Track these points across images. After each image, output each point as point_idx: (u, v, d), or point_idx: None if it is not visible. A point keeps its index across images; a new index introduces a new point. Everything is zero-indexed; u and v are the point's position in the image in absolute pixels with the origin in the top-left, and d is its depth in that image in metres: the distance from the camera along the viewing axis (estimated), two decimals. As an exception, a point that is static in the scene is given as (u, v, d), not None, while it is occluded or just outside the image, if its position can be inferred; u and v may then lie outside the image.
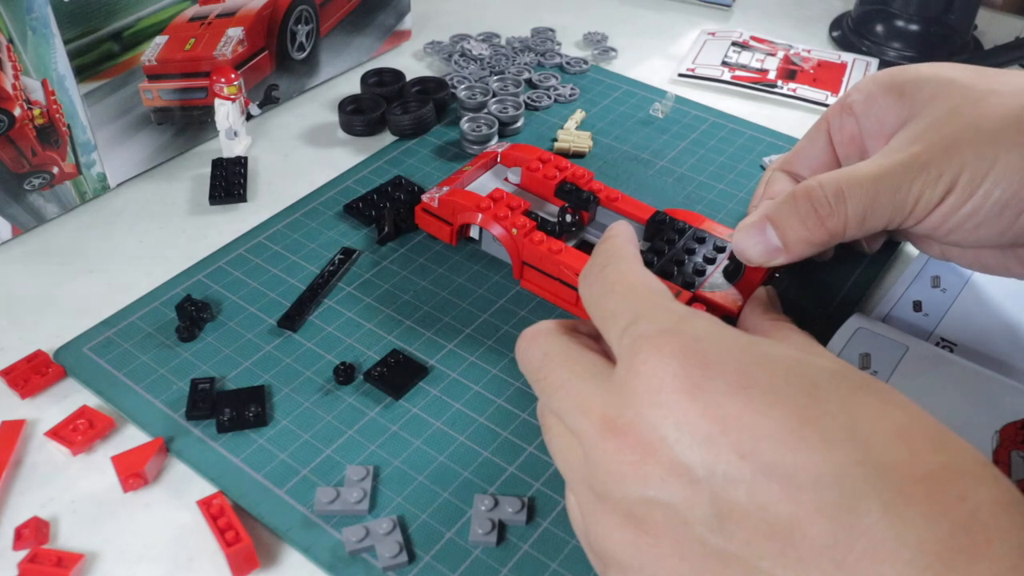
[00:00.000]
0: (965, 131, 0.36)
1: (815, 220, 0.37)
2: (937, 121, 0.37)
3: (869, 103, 0.41)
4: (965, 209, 0.36)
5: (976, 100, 0.37)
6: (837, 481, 0.23)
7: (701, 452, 0.24)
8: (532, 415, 0.41)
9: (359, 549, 0.35)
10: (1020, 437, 0.38)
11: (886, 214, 0.37)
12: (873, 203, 0.36)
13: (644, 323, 0.28)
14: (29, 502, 0.38)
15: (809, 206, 0.37)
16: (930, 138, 0.37)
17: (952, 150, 0.36)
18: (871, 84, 0.42)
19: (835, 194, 0.36)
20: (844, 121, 0.43)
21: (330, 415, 0.41)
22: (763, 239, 0.38)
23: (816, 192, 0.37)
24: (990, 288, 0.48)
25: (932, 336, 0.45)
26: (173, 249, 0.51)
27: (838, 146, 0.44)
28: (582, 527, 0.29)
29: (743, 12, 0.78)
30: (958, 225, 0.37)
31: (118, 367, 0.43)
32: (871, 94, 0.41)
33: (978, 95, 0.37)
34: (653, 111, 0.62)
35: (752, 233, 0.38)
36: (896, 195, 0.36)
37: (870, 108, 0.41)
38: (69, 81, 0.49)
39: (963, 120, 0.36)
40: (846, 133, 0.43)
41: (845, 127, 0.43)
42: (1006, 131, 0.36)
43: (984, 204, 0.36)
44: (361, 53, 0.67)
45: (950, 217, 0.37)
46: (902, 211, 0.37)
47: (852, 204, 0.36)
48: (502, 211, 0.46)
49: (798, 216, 0.37)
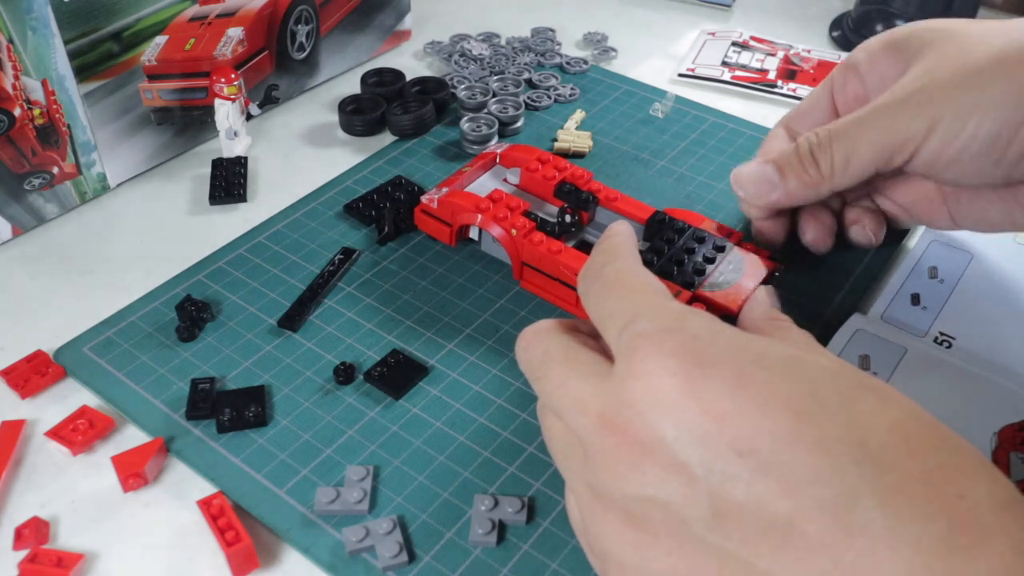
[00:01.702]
0: (952, 72, 0.38)
1: (809, 160, 0.41)
2: (927, 66, 0.39)
3: (872, 62, 0.44)
4: (957, 142, 0.38)
5: (965, 46, 0.39)
6: (835, 478, 0.23)
7: (699, 450, 0.24)
8: (532, 415, 0.41)
9: (359, 549, 0.35)
10: (1018, 439, 0.38)
11: (870, 151, 0.39)
12: (857, 141, 0.39)
13: (643, 322, 0.28)
14: (29, 502, 0.38)
15: (806, 147, 0.41)
16: (917, 80, 0.39)
17: (936, 88, 0.38)
18: (874, 43, 0.44)
19: (825, 137, 0.41)
20: (848, 80, 0.44)
21: (330, 415, 0.41)
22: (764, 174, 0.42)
23: (812, 137, 0.41)
24: (987, 277, 0.48)
25: (931, 330, 0.45)
26: (173, 249, 0.51)
27: (842, 105, 0.46)
28: (581, 526, 0.29)
29: (743, 12, 0.78)
30: (953, 160, 0.39)
31: (118, 367, 0.43)
32: (873, 53, 0.43)
33: (969, 42, 0.39)
34: (653, 111, 0.62)
35: (755, 170, 0.43)
36: (878, 131, 0.39)
37: (873, 66, 0.43)
38: (69, 81, 0.49)
39: (951, 63, 0.38)
40: (850, 92, 0.45)
41: (849, 86, 0.45)
42: (990, 67, 0.37)
43: (976, 135, 0.38)
44: (361, 53, 0.67)
45: (942, 153, 0.39)
46: (886, 146, 0.39)
47: (837, 145, 0.40)
48: (501, 212, 0.46)
49: (797, 157, 0.41)
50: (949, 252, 0.50)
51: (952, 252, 0.50)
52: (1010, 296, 0.47)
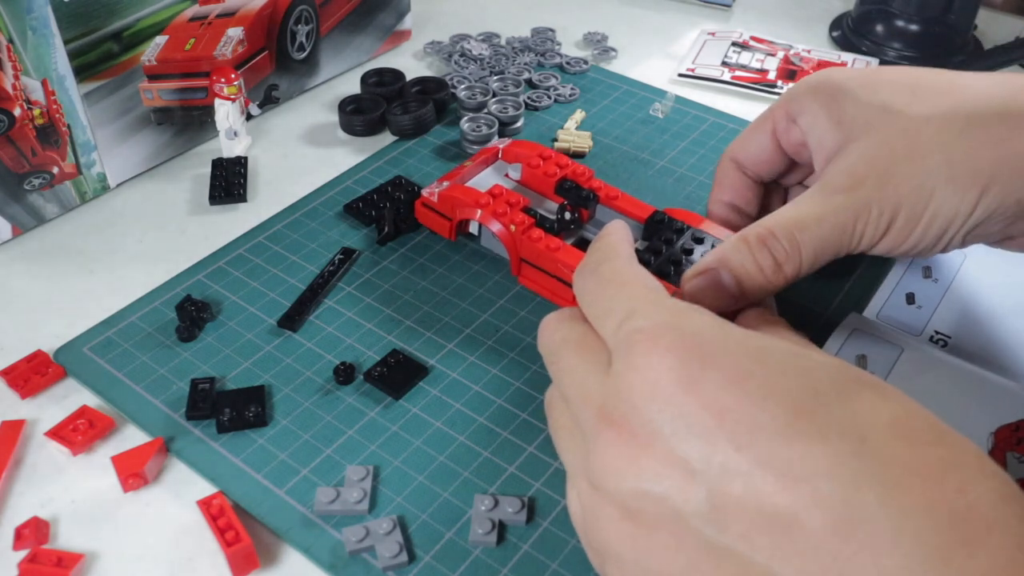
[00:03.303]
0: (899, 166, 0.37)
1: (773, 267, 0.37)
2: (872, 156, 0.38)
3: (812, 122, 0.42)
4: (911, 239, 0.37)
5: (909, 131, 0.37)
6: (835, 473, 0.23)
7: (698, 445, 0.25)
8: (532, 415, 0.41)
9: (359, 549, 0.35)
10: (1015, 439, 0.38)
11: (833, 251, 0.38)
12: (823, 245, 0.37)
13: (640, 318, 0.28)
14: (29, 502, 0.38)
15: (765, 251, 0.37)
16: (866, 174, 0.37)
17: (888, 188, 0.37)
18: (812, 103, 0.42)
19: (789, 242, 0.37)
20: (791, 129, 0.43)
21: (330, 415, 0.41)
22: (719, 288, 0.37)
23: (771, 241, 0.37)
24: (981, 276, 0.48)
25: (926, 330, 0.45)
26: (173, 249, 0.51)
27: (786, 147, 0.44)
28: (581, 520, 0.29)
29: (743, 12, 0.78)
30: (908, 250, 0.38)
31: (118, 367, 0.43)
32: (813, 114, 0.41)
33: (912, 125, 0.37)
34: (653, 111, 0.62)
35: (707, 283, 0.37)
36: (842, 236, 0.37)
37: (813, 127, 0.42)
38: (69, 81, 0.49)
39: (897, 154, 0.37)
40: (793, 139, 0.44)
41: (792, 134, 0.44)
42: (939, 166, 0.36)
43: (928, 231, 0.37)
44: (361, 53, 0.67)
45: (898, 246, 0.38)
46: (848, 246, 0.38)
47: (805, 249, 0.37)
48: (501, 207, 0.46)
49: (755, 264, 0.37)
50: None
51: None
52: (1003, 295, 0.47)
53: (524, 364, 0.43)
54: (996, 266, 0.49)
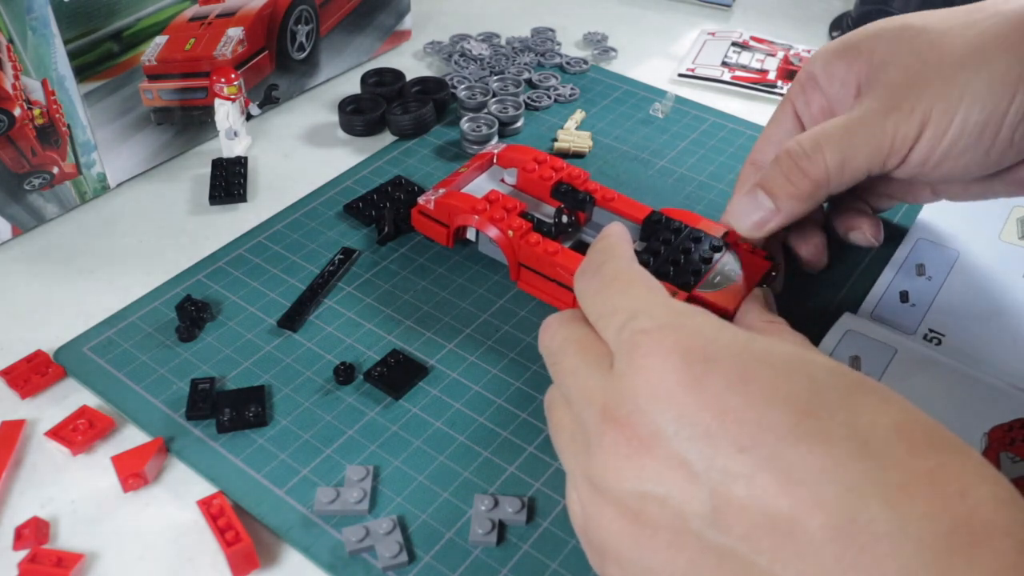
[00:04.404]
0: (930, 68, 0.38)
1: (798, 173, 0.39)
2: (902, 66, 0.39)
3: (830, 71, 0.42)
4: (948, 138, 0.38)
5: (934, 40, 0.38)
6: (837, 476, 0.23)
7: (700, 446, 0.25)
8: (532, 415, 0.41)
9: (359, 549, 0.35)
10: (1008, 439, 0.38)
11: (865, 156, 0.38)
12: (850, 146, 0.38)
13: (643, 318, 0.28)
14: (29, 502, 0.38)
15: (790, 161, 0.39)
16: (898, 81, 0.38)
17: (920, 86, 0.37)
18: (826, 54, 0.43)
19: (812, 144, 0.39)
20: (810, 96, 0.43)
21: (330, 415, 0.41)
22: (755, 203, 0.40)
23: (794, 147, 0.39)
24: (974, 272, 0.48)
25: (920, 328, 0.45)
26: (173, 249, 0.51)
27: (809, 121, 0.45)
28: (581, 521, 0.29)
29: (743, 12, 0.78)
30: (944, 156, 0.38)
31: (118, 367, 0.43)
32: (828, 62, 0.42)
33: (935, 35, 0.39)
34: (653, 111, 0.62)
35: (744, 201, 0.41)
36: (871, 137, 0.38)
37: (832, 76, 0.42)
38: (69, 81, 0.49)
39: (926, 59, 0.38)
40: (815, 107, 0.44)
41: (812, 101, 0.44)
42: (969, 59, 0.37)
43: (965, 128, 0.37)
44: (361, 53, 0.67)
45: (935, 150, 0.38)
46: (881, 151, 0.38)
47: (829, 150, 0.38)
48: (498, 213, 0.46)
49: (782, 173, 0.39)
50: (936, 250, 0.50)
51: (939, 250, 0.50)
52: (996, 293, 0.47)
53: (524, 364, 0.43)
54: (988, 265, 0.49)
